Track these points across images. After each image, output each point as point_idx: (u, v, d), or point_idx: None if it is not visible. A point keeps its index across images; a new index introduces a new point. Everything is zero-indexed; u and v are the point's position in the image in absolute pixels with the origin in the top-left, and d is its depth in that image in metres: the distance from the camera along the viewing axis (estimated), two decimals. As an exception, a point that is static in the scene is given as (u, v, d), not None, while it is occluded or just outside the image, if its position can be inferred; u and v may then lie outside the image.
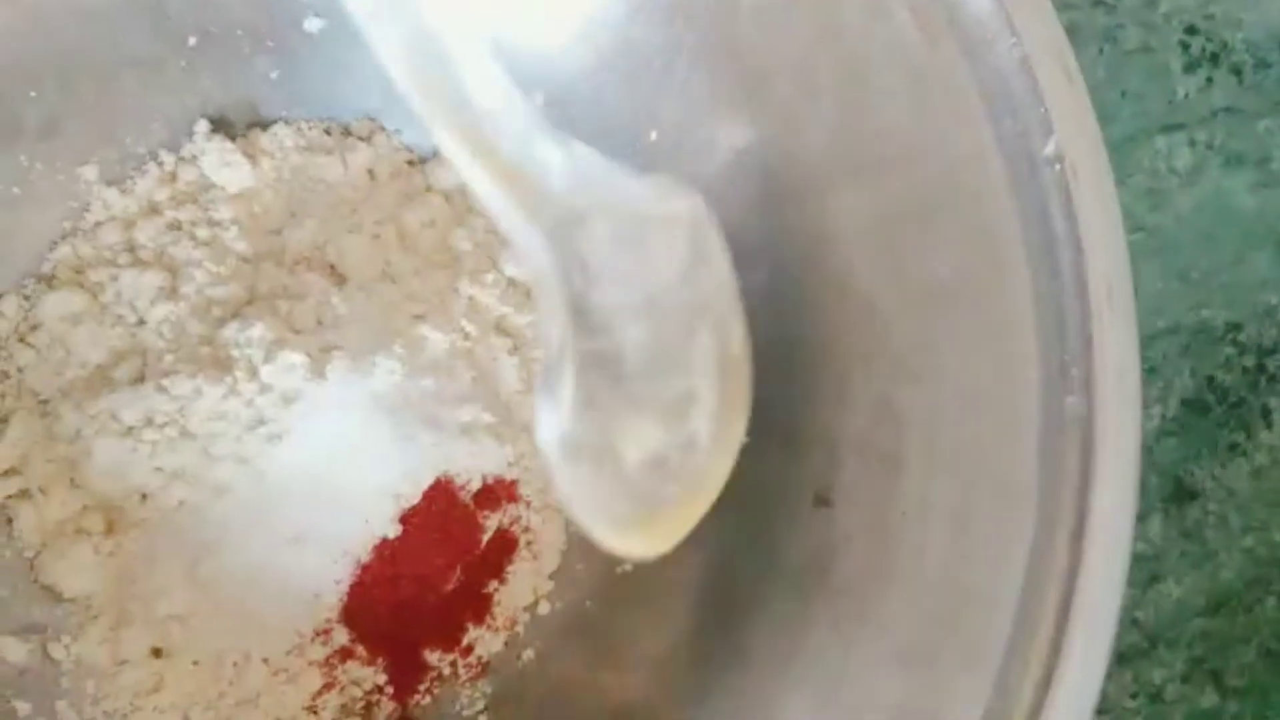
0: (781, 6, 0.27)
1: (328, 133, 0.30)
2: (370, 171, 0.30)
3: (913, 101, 0.26)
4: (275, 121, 0.30)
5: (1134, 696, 0.41)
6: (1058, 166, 0.24)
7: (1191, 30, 0.43)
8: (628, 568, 0.31)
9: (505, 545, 0.30)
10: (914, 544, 0.27)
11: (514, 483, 0.30)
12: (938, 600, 0.27)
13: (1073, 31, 0.42)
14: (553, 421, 0.21)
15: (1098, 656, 0.25)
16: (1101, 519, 0.25)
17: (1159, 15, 0.42)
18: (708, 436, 0.23)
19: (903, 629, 0.27)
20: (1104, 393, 0.24)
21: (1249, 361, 0.43)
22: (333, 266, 0.29)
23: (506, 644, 0.30)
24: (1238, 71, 0.43)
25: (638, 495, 0.23)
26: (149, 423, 0.27)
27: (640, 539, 0.24)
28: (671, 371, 0.22)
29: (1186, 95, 0.42)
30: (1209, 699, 0.42)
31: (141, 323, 0.28)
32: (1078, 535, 0.25)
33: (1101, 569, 0.25)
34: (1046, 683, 0.24)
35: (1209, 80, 0.43)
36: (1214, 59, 0.43)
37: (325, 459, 0.26)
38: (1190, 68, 0.43)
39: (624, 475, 0.22)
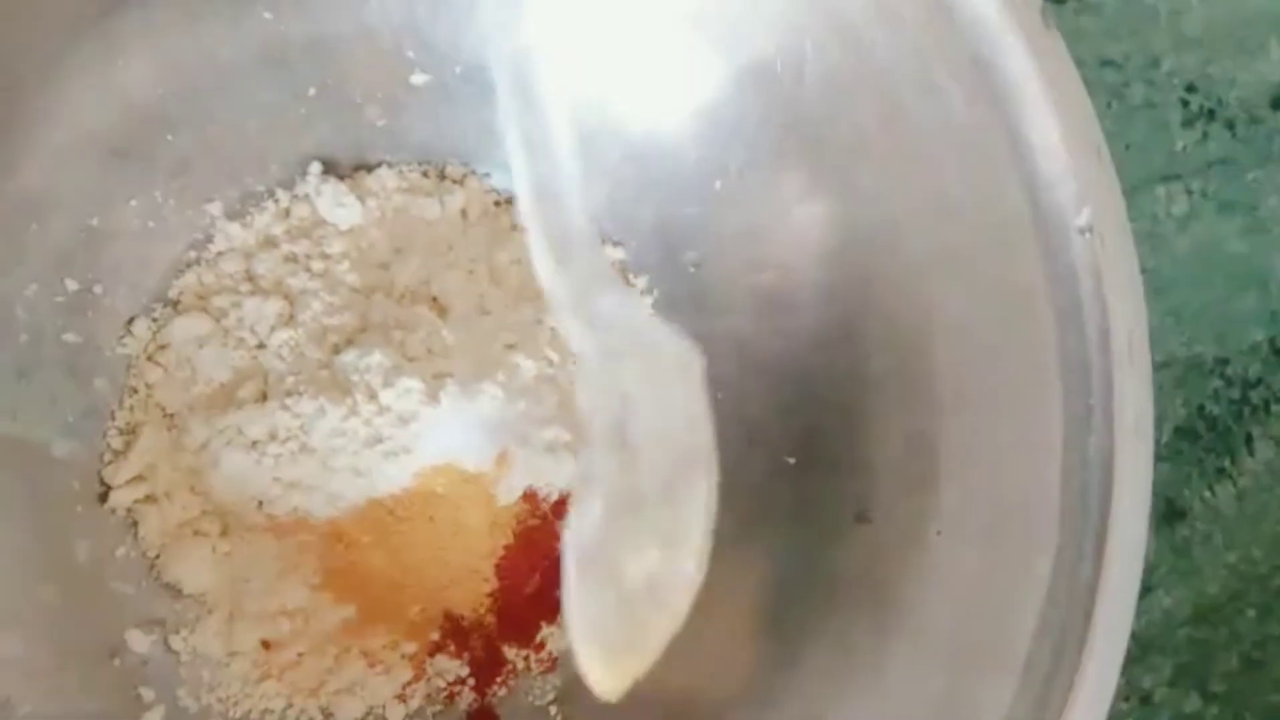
0: (844, 76, 0.31)
1: (425, 175, 0.34)
2: (464, 212, 0.33)
3: (959, 170, 0.30)
4: (379, 164, 0.33)
5: (1125, 699, 0.44)
6: (1088, 235, 0.28)
7: (1191, 88, 0.46)
8: (684, 575, 0.34)
9: (576, 552, 0.34)
10: (947, 559, 0.31)
11: (585, 495, 0.33)
12: (970, 609, 0.30)
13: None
14: (580, 531, 0.23)
15: (1114, 663, 0.28)
16: (1118, 545, 0.28)
17: (1161, 74, 0.46)
18: (692, 569, 0.24)
19: (939, 634, 0.30)
20: (1123, 435, 0.28)
21: (1235, 393, 0.47)
22: (435, 299, 0.32)
23: (574, 641, 0.34)
24: (1231, 126, 0.47)
25: (630, 618, 0.24)
26: (273, 438, 0.30)
27: (618, 668, 0.24)
28: (676, 505, 0.24)
29: (1184, 148, 0.46)
30: (1193, 703, 0.45)
31: (262, 346, 0.31)
32: (1097, 557, 0.28)
33: (1118, 588, 0.28)
34: (1069, 684, 0.28)
35: (1205, 134, 0.46)
36: (1210, 114, 0.47)
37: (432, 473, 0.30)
38: (1188, 122, 0.46)
39: (623, 595, 0.23)
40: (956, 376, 0.31)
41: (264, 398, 0.30)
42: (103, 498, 0.30)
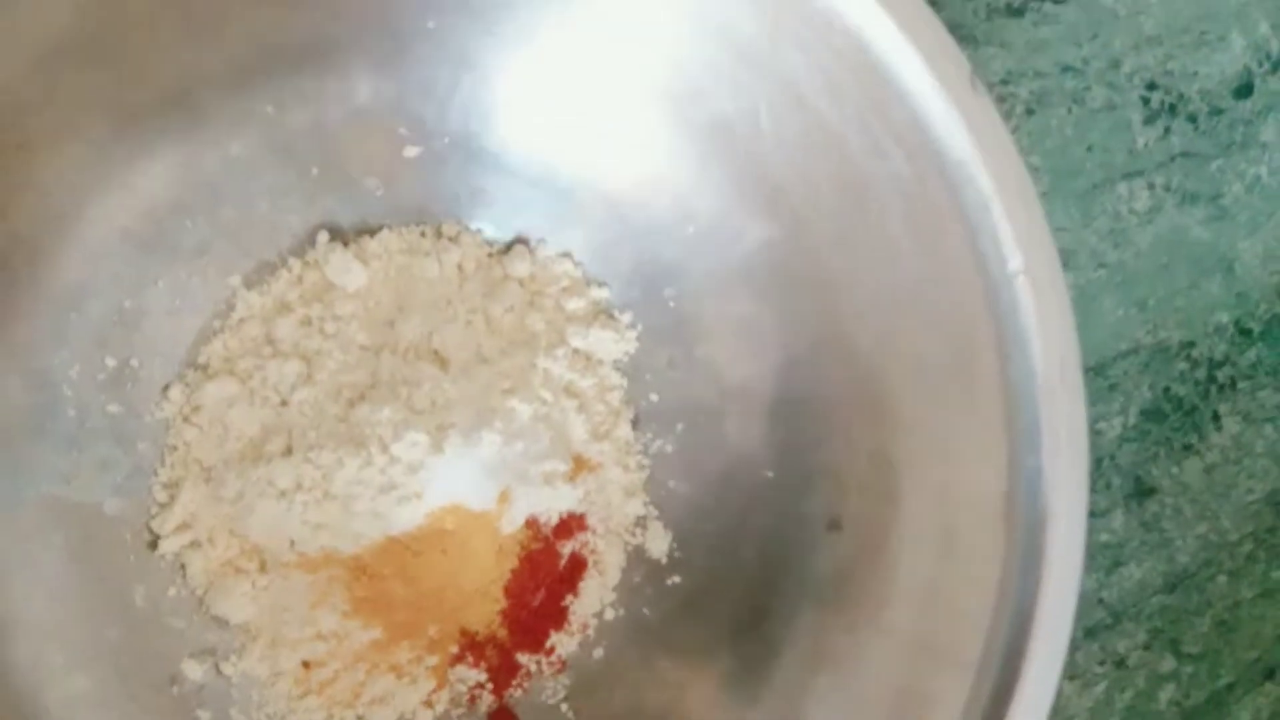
0: (797, 136, 0.33)
1: (423, 235, 0.37)
2: (460, 266, 0.36)
3: (904, 220, 0.32)
4: (380, 229, 0.36)
5: (1101, 664, 0.48)
6: (1021, 278, 0.31)
7: (1151, 86, 0.48)
8: (677, 579, 0.38)
9: (577, 566, 0.37)
10: (909, 563, 0.34)
11: (583, 515, 0.37)
12: (930, 607, 0.33)
13: (1044, 96, 0.48)
14: None
15: (1057, 650, 0.31)
16: (1056, 548, 0.31)
17: (1122, 75, 0.48)
18: None
19: (902, 629, 0.33)
20: (1056, 452, 0.31)
21: (1201, 374, 0.49)
22: (437, 352, 0.35)
23: (580, 645, 0.37)
24: (1193, 119, 0.48)
25: None
26: (299, 487, 0.33)
27: None
28: None
29: (1146, 144, 0.48)
30: (1168, 664, 0.48)
31: (284, 404, 0.34)
32: (1037, 562, 0.31)
33: (1057, 587, 0.31)
34: (1016, 671, 0.31)
35: (1167, 130, 0.48)
36: (1172, 109, 0.48)
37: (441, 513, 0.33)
38: (1150, 119, 0.48)
39: None
40: (912, 399, 0.34)
41: (289, 451, 0.34)
42: (152, 546, 0.34)
